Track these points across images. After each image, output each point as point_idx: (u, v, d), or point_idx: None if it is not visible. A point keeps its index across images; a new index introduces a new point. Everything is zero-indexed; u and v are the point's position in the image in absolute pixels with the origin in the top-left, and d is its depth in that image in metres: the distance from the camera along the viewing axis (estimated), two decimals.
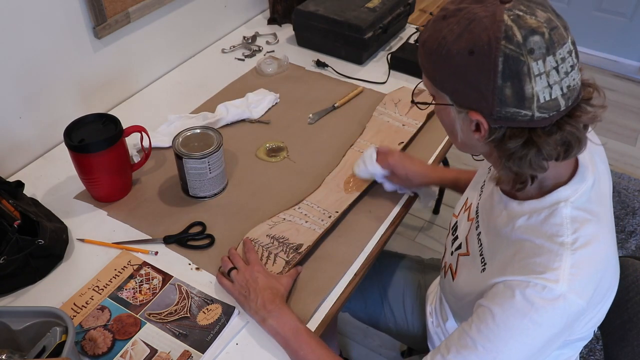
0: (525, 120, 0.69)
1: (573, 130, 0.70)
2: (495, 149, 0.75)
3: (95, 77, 1.39)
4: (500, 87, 0.67)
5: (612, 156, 2.62)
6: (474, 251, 0.89)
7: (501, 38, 0.65)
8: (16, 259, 0.98)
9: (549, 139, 0.69)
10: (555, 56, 0.67)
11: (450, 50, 0.69)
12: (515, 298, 0.72)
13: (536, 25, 0.66)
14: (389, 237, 1.15)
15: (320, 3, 1.67)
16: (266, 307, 0.93)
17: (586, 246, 0.72)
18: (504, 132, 0.71)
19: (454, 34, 0.69)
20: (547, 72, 0.66)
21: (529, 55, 0.65)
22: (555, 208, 0.76)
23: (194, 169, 1.14)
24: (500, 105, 0.68)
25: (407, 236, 2.26)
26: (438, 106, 0.79)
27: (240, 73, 1.61)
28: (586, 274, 0.72)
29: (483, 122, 0.71)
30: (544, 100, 0.67)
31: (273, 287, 0.96)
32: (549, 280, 0.70)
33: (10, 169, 1.27)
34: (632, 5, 3.04)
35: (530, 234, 0.76)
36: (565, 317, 0.71)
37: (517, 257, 0.75)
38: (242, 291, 0.97)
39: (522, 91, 0.67)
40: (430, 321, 1.15)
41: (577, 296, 0.71)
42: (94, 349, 0.92)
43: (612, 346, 1.04)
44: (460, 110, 0.74)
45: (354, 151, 1.32)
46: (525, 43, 0.65)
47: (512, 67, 0.66)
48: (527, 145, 0.70)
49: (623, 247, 2.15)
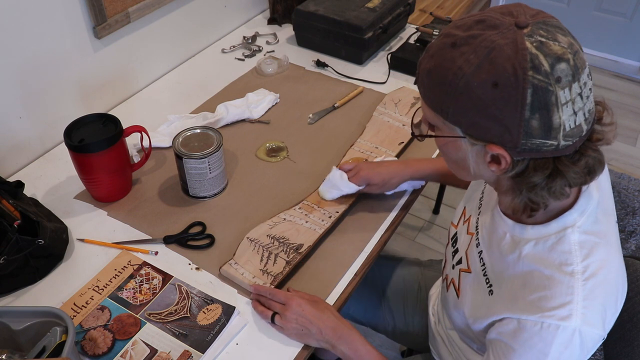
0: (550, 150, 0.65)
1: (595, 155, 0.68)
2: (513, 181, 0.71)
3: (95, 77, 1.39)
4: (528, 119, 0.63)
5: (612, 156, 2.62)
6: (476, 270, 0.87)
7: (528, 68, 0.61)
8: (16, 259, 0.98)
9: (575, 167, 0.67)
10: (580, 82, 0.63)
11: (470, 82, 0.64)
12: (533, 339, 0.71)
13: (561, 52, 0.62)
14: (389, 237, 1.15)
15: (320, 3, 1.67)
16: (335, 334, 0.92)
17: (597, 273, 0.71)
18: (527, 163, 0.67)
19: (471, 64, 0.64)
20: (572, 99, 0.63)
21: (557, 85, 0.62)
22: (563, 234, 0.73)
23: (194, 169, 1.14)
24: (526, 138, 0.64)
25: (407, 236, 2.26)
26: (445, 140, 0.73)
27: (240, 73, 1.61)
28: (600, 302, 0.71)
29: (505, 155, 0.67)
30: (570, 128, 0.64)
31: (319, 307, 0.95)
32: (562, 319, 0.69)
33: (10, 169, 1.27)
34: (632, 5, 3.04)
35: (539, 264, 0.74)
36: (584, 347, 0.71)
37: (527, 290, 0.73)
38: (299, 332, 0.93)
39: (550, 122, 0.63)
40: (432, 321, 1.15)
41: (592, 327, 0.70)
42: (94, 349, 0.92)
43: (612, 346, 1.04)
44: (474, 143, 0.69)
45: (354, 151, 1.32)
46: (552, 72, 0.61)
47: (541, 99, 0.62)
48: (553, 176, 0.67)
49: (623, 247, 2.15)
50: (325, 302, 0.98)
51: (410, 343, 1.33)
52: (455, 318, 0.93)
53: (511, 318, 0.74)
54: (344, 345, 0.93)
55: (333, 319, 0.94)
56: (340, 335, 0.93)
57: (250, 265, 1.04)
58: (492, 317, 0.78)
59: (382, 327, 1.32)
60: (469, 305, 0.87)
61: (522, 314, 0.73)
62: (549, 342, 0.70)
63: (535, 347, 0.71)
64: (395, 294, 1.30)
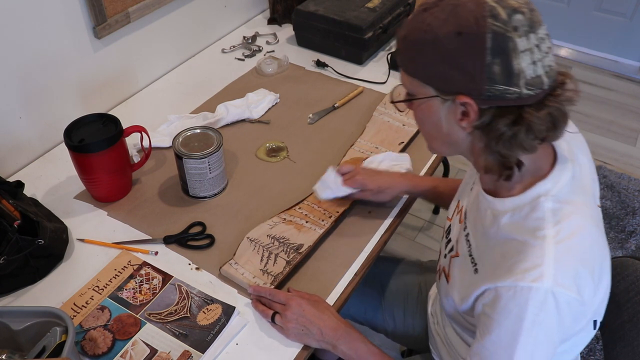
0: (513, 98, 0.70)
1: (558, 106, 0.71)
2: (483, 134, 0.75)
3: (95, 77, 1.39)
4: (489, 64, 0.68)
5: (612, 156, 2.62)
6: (463, 252, 0.89)
7: (487, 16, 0.68)
8: (16, 259, 0.98)
9: (538, 114, 0.70)
10: (537, 34, 0.69)
11: (437, 35, 0.70)
12: (509, 305, 0.72)
13: (517, 6, 0.69)
14: (388, 237, 1.15)
15: (320, 3, 1.67)
16: (335, 334, 0.93)
17: (570, 238, 0.73)
18: (493, 112, 0.72)
19: (439, 19, 0.71)
20: (530, 48, 0.68)
21: (514, 32, 0.68)
22: (537, 202, 0.76)
23: (194, 169, 1.14)
24: (490, 84, 0.69)
25: (407, 236, 2.26)
26: (419, 102, 0.78)
27: (240, 73, 1.61)
28: (572, 265, 0.72)
29: (472, 104, 0.72)
30: (530, 77, 0.69)
31: (320, 308, 0.95)
32: (533, 280, 0.71)
33: (10, 169, 1.27)
34: (632, 5, 3.04)
35: (515, 232, 0.76)
36: (560, 310, 0.72)
37: (505, 259, 0.76)
38: (299, 332, 0.93)
39: (510, 67, 0.68)
40: (431, 321, 1.15)
41: (564, 289, 0.71)
42: (94, 349, 0.92)
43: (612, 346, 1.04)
44: (446, 99, 0.74)
45: (354, 151, 1.32)
46: (510, 20, 0.68)
47: (500, 43, 0.68)
48: (517, 123, 0.71)
49: (623, 247, 2.15)
50: (326, 302, 0.98)
51: (410, 344, 1.33)
52: (446, 305, 0.94)
53: (490, 289, 0.76)
54: (345, 345, 0.93)
55: (333, 319, 0.94)
56: (341, 335, 0.93)
57: (251, 265, 1.04)
58: (476, 292, 0.80)
59: (382, 327, 1.32)
60: (457, 288, 0.89)
61: (498, 281, 0.74)
62: (523, 305, 0.71)
63: (511, 313, 0.72)
64: (395, 295, 1.30)
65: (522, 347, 0.72)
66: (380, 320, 1.31)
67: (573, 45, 3.34)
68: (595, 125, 2.83)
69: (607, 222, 2.24)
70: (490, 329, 0.75)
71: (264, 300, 0.99)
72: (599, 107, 2.95)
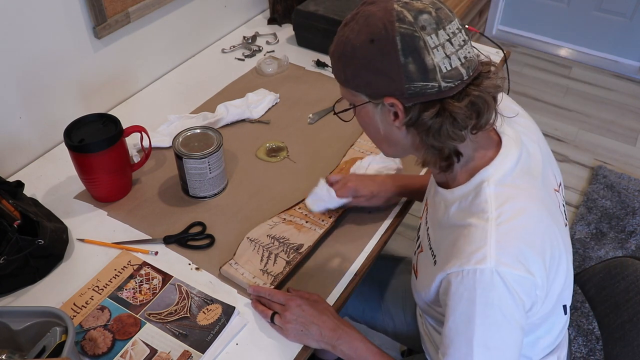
0: (434, 92, 0.73)
1: (480, 94, 0.74)
2: (415, 130, 0.78)
3: (95, 77, 1.39)
4: (404, 64, 0.72)
5: (612, 156, 2.62)
6: (425, 246, 0.92)
7: (394, 21, 0.72)
8: (16, 259, 0.98)
9: (460, 104, 0.73)
10: (446, 30, 0.73)
11: (354, 45, 0.75)
12: (459, 290, 0.74)
13: (423, 7, 0.73)
14: (389, 237, 1.15)
15: (320, 3, 1.67)
16: (335, 334, 0.93)
17: (512, 219, 0.75)
18: (418, 108, 0.75)
19: (354, 31, 0.76)
20: (442, 44, 0.72)
21: (422, 31, 0.71)
22: (480, 189, 0.78)
23: (194, 169, 1.14)
24: (409, 82, 0.73)
25: (407, 236, 2.26)
26: (358, 110, 0.82)
27: (240, 73, 1.61)
28: (514, 245, 0.74)
29: (397, 103, 0.75)
30: (446, 70, 0.72)
31: (319, 308, 0.95)
32: (478, 262, 0.73)
33: (10, 169, 1.27)
34: (632, 5, 3.04)
35: (461, 219, 0.79)
36: (511, 289, 0.72)
37: (454, 246, 0.78)
38: (298, 332, 0.93)
39: (424, 64, 0.72)
40: (419, 321, 1.15)
41: (510, 268, 0.72)
42: (94, 349, 0.92)
43: (612, 346, 1.04)
44: (376, 103, 0.78)
45: (354, 151, 1.32)
46: (416, 21, 0.72)
47: (410, 43, 0.71)
48: (440, 114, 0.74)
49: (623, 247, 2.15)
50: (325, 302, 0.98)
51: (409, 343, 1.33)
52: (418, 301, 0.95)
53: (444, 278, 0.78)
54: (344, 345, 0.93)
55: (332, 319, 0.94)
56: (340, 335, 0.93)
57: (251, 265, 1.04)
58: (435, 283, 0.81)
59: (381, 327, 1.32)
60: (422, 282, 0.90)
61: (448, 268, 0.76)
62: (472, 289, 0.73)
63: (462, 297, 0.74)
64: (394, 295, 1.30)
65: (480, 328, 0.73)
66: (379, 319, 1.31)
67: (573, 45, 3.34)
68: (595, 125, 2.83)
69: (607, 222, 2.24)
70: (447, 315, 0.76)
71: (263, 300, 0.99)
72: (599, 107, 2.95)
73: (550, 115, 2.90)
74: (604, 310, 1.06)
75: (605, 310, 1.06)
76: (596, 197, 2.34)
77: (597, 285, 1.09)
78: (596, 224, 2.23)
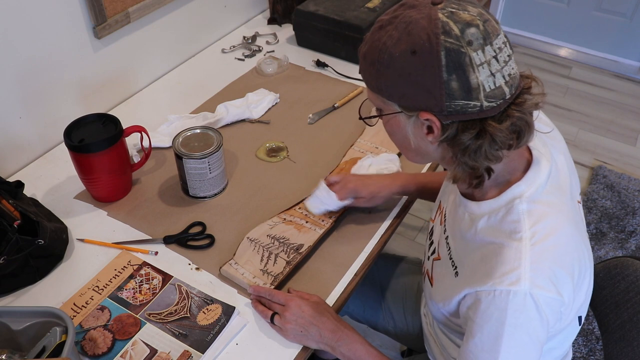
0: (475, 111, 0.70)
1: (522, 116, 0.71)
2: (449, 147, 0.75)
3: (95, 77, 1.39)
4: (447, 81, 0.68)
5: (612, 156, 2.62)
6: (444, 255, 0.89)
7: (440, 33, 0.67)
8: (16, 259, 0.98)
9: (501, 127, 0.70)
10: (493, 46, 0.69)
11: (392, 54, 0.70)
12: (489, 309, 0.73)
13: (470, 19, 0.68)
14: (389, 237, 1.15)
15: (320, 3, 1.67)
16: (334, 335, 0.93)
17: (545, 239, 0.73)
18: (456, 127, 0.72)
19: (393, 38, 0.70)
20: (487, 61, 0.68)
21: (469, 47, 0.67)
22: (512, 205, 0.76)
23: (194, 169, 1.14)
24: (449, 100, 0.69)
25: (407, 236, 2.26)
26: (387, 118, 0.79)
27: (240, 73, 1.61)
28: (548, 266, 0.73)
29: (435, 120, 0.72)
30: (490, 89, 0.69)
31: (319, 309, 0.95)
32: (511, 284, 0.71)
33: (10, 169, 1.27)
34: (632, 5, 3.04)
35: (492, 235, 0.77)
36: (541, 311, 0.72)
37: (483, 262, 0.76)
38: (297, 333, 0.93)
39: (467, 82, 0.68)
40: (424, 321, 1.15)
41: (543, 290, 0.71)
42: (94, 349, 0.92)
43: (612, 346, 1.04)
44: (410, 115, 0.74)
45: (354, 151, 1.32)
46: (463, 35, 0.67)
47: (455, 60, 0.67)
48: (480, 136, 0.71)
49: (623, 247, 2.15)
50: (325, 303, 0.98)
51: (409, 343, 1.33)
52: (431, 307, 0.94)
53: (470, 293, 0.77)
54: (344, 346, 0.93)
55: (332, 320, 0.94)
56: (340, 337, 0.93)
57: (251, 265, 1.04)
58: (457, 296, 0.80)
59: (382, 326, 1.32)
60: (440, 291, 0.89)
61: (478, 286, 0.75)
62: (503, 309, 0.72)
63: (492, 317, 0.73)
64: (394, 294, 1.30)
65: (506, 349, 0.72)
66: (379, 319, 1.31)
67: (573, 45, 3.34)
68: (595, 125, 2.83)
69: (607, 222, 2.24)
70: (473, 332, 0.75)
71: (263, 300, 0.99)
72: (599, 107, 2.95)
73: (550, 115, 2.86)
74: (604, 310, 1.06)
75: (605, 310, 1.06)
76: (596, 197, 2.34)
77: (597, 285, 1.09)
78: (596, 224, 2.23)
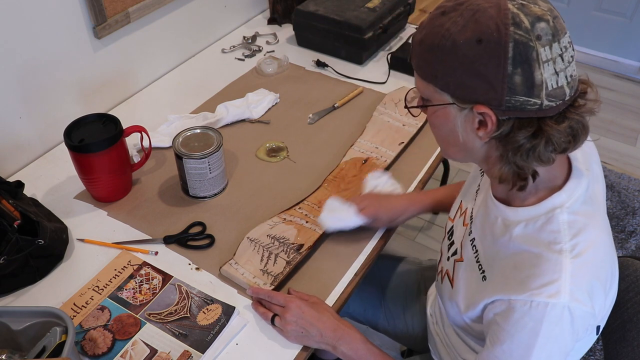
0: (534, 109, 0.67)
1: (579, 118, 0.70)
2: (500, 144, 0.72)
3: (95, 77, 1.39)
4: (511, 74, 0.66)
5: (612, 156, 2.62)
6: (469, 257, 0.88)
7: (510, 24, 0.65)
8: (16, 259, 0.98)
9: (559, 127, 0.68)
10: (560, 43, 0.67)
11: (456, 41, 0.67)
12: (524, 319, 0.72)
13: (541, 13, 0.66)
14: (389, 237, 1.15)
15: (320, 3, 1.67)
16: (335, 335, 0.92)
17: (585, 252, 0.72)
18: (512, 123, 0.69)
19: (458, 25, 0.67)
20: (553, 58, 0.66)
21: (537, 41, 0.65)
22: (552, 215, 0.74)
23: (194, 169, 1.14)
24: (510, 94, 0.66)
25: (407, 236, 2.26)
26: (435, 109, 0.75)
27: (240, 73, 1.61)
28: (587, 280, 0.71)
29: (491, 114, 0.69)
30: (552, 87, 0.66)
31: (319, 309, 0.95)
32: (550, 296, 0.70)
33: (10, 169, 1.27)
34: (632, 5, 3.04)
35: (529, 244, 0.75)
36: (574, 324, 0.71)
37: (517, 270, 0.74)
38: (298, 334, 0.93)
39: (532, 78, 0.66)
40: (431, 321, 1.15)
41: (580, 304, 0.70)
42: (94, 349, 0.92)
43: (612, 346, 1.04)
44: (462, 107, 0.71)
45: (354, 151, 1.32)
46: (533, 29, 0.65)
47: (522, 53, 0.65)
48: (536, 136, 0.68)
49: (623, 247, 2.15)
50: (325, 303, 0.98)
51: (409, 343, 1.33)
52: (449, 309, 0.93)
53: (502, 300, 0.75)
54: (345, 346, 0.93)
55: (333, 320, 0.94)
56: (340, 336, 0.93)
57: (251, 265, 1.04)
58: (485, 301, 0.79)
59: (382, 326, 1.32)
60: (462, 294, 0.88)
61: (512, 294, 0.73)
62: (539, 321, 0.70)
63: (526, 327, 0.72)
64: (395, 295, 1.30)
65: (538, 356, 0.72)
66: (380, 319, 1.31)
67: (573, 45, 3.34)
68: (595, 125, 2.83)
69: None
70: (501, 339, 0.74)
71: (263, 301, 0.99)
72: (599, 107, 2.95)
73: None
74: None
75: None
76: None
77: None
78: None
